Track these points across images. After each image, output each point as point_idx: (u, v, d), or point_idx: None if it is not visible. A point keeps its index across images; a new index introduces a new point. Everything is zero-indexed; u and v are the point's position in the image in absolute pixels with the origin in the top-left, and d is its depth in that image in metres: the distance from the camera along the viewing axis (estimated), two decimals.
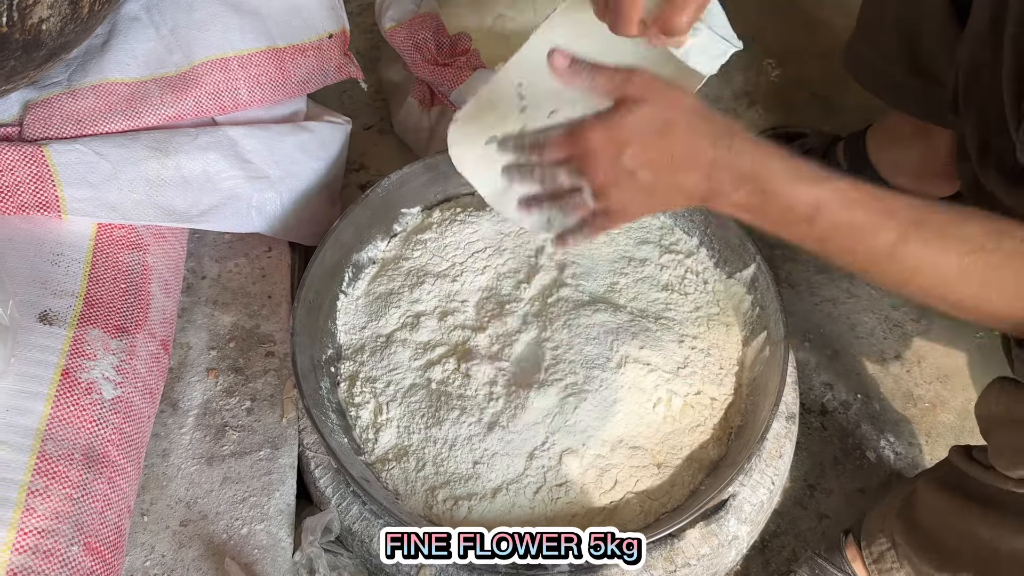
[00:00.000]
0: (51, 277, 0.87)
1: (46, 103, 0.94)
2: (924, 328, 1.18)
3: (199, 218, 0.98)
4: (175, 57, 1.00)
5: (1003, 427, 0.70)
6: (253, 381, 0.98)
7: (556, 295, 1.00)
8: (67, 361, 0.81)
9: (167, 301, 0.96)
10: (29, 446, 0.75)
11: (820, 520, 1.02)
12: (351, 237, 1.02)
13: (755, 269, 0.98)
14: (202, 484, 0.90)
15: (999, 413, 0.70)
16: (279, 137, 1.04)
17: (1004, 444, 0.69)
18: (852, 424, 1.10)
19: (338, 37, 1.10)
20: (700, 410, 0.94)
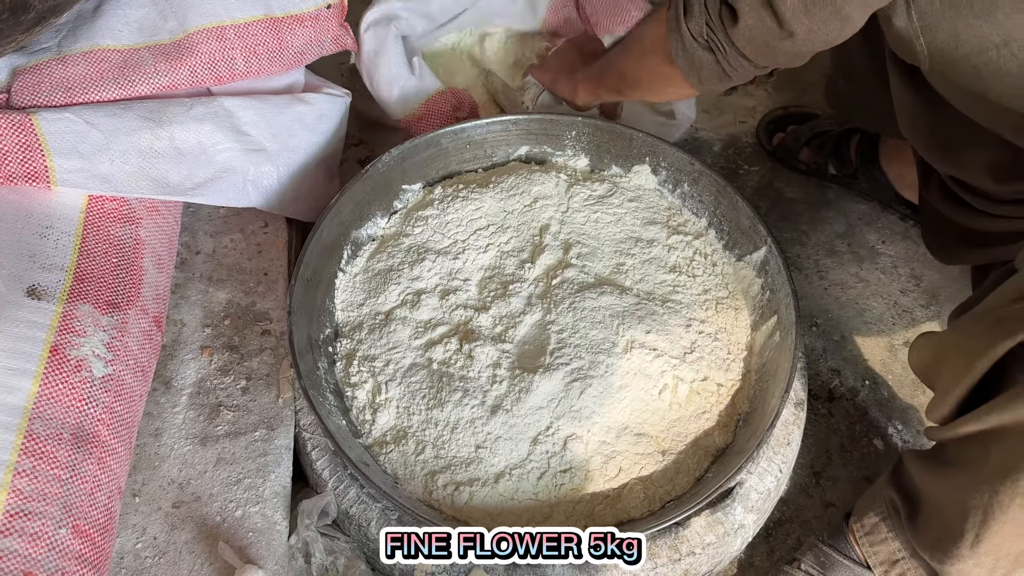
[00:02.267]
0: (40, 250, 0.84)
1: (35, 69, 0.91)
2: (934, 314, 1.16)
3: (193, 191, 0.95)
4: (169, 24, 0.97)
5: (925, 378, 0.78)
6: (248, 360, 0.96)
7: (561, 276, 0.97)
8: (56, 337, 0.78)
9: (160, 276, 0.93)
10: (15, 425, 0.73)
11: (826, 508, 1.00)
12: (350, 214, 0.99)
13: (766, 252, 0.95)
14: (195, 465, 0.88)
15: (918, 362, 0.79)
16: (276, 109, 1.01)
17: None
18: (859, 411, 1.08)
19: (336, 7, 1.06)
20: (706, 396, 0.92)
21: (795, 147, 1.29)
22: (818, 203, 1.28)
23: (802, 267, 1.20)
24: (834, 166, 1.26)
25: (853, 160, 1.23)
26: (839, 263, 1.21)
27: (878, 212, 1.25)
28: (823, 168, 1.27)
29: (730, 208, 1.00)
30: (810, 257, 1.21)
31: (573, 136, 1.08)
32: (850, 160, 1.23)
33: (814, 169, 1.28)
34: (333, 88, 1.09)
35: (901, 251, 1.21)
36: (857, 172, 1.24)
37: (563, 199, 1.06)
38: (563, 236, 1.03)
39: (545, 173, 1.08)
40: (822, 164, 1.26)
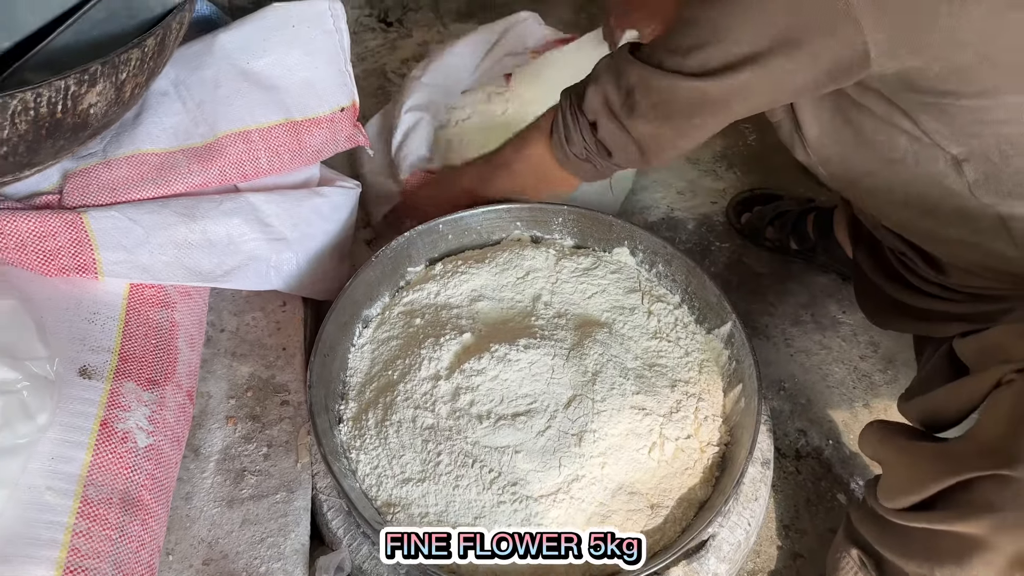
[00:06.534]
0: (88, 334, 0.95)
1: (83, 172, 1.03)
2: (891, 378, 1.27)
3: (223, 278, 1.06)
4: (201, 129, 1.09)
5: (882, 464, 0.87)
6: (269, 428, 1.06)
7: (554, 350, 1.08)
8: (105, 412, 0.89)
9: (192, 354, 1.04)
10: (72, 491, 0.83)
11: (795, 559, 1.10)
12: (361, 295, 1.11)
13: (731, 326, 1.06)
14: (223, 525, 0.97)
15: (870, 454, 0.91)
16: (296, 202, 1.13)
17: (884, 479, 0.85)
18: (824, 468, 1.18)
19: (349, 110, 1.19)
20: (690, 454, 1.00)
21: (761, 226, 1.42)
22: (783, 277, 1.40)
23: (770, 336, 1.32)
24: (795, 242, 1.38)
25: (811, 236, 1.35)
26: (804, 332, 1.32)
27: (838, 284, 1.38)
28: (786, 244, 1.40)
29: (699, 287, 1.12)
30: (777, 326, 1.33)
31: (560, 222, 1.21)
32: (808, 236, 1.36)
33: (778, 245, 1.41)
34: (345, 181, 1.22)
35: (860, 320, 1.32)
36: (816, 246, 1.36)
37: (552, 271, 1.18)
38: (555, 306, 1.14)
39: (536, 249, 1.20)
40: (785, 241, 1.39)
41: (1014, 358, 0.74)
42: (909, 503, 0.78)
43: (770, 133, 1.56)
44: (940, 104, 0.77)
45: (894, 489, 0.81)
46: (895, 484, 0.81)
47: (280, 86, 1.14)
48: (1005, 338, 0.78)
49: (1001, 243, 0.85)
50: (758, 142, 1.58)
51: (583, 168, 1.02)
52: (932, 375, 0.89)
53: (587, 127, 0.97)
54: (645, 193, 1.52)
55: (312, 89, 1.16)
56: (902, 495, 0.79)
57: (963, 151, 0.80)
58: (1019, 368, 0.73)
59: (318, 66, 1.15)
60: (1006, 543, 0.71)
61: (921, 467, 0.77)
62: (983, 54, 0.72)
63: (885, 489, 0.83)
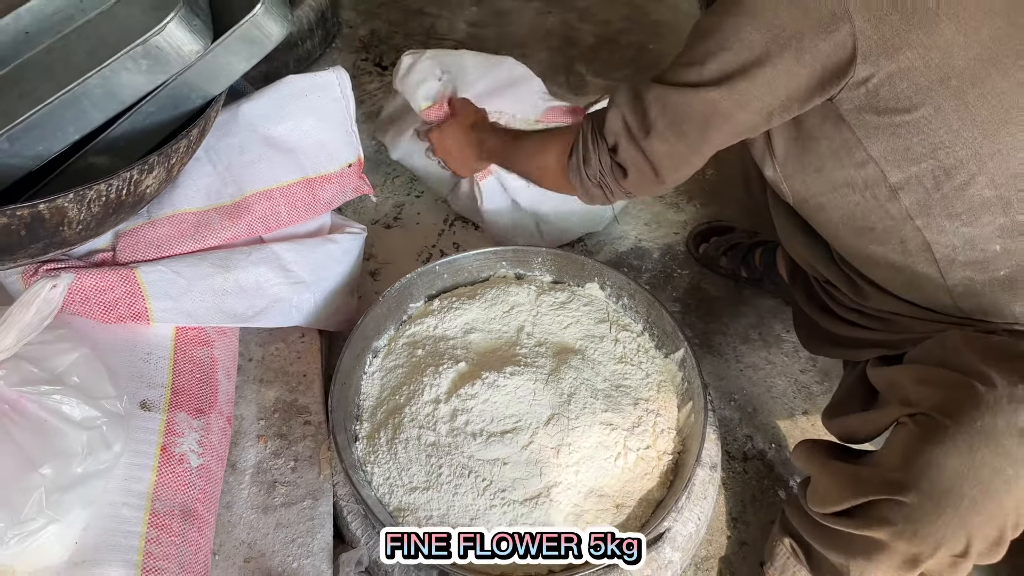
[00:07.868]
0: (145, 372, 1.13)
1: (133, 232, 1.20)
2: (827, 389, 1.47)
3: (253, 318, 1.24)
4: (230, 189, 1.26)
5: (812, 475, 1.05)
6: (295, 445, 1.24)
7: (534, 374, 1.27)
8: (164, 439, 1.07)
9: (229, 384, 1.22)
10: (143, 506, 1.01)
11: (741, 547, 1.29)
12: (371, 330, 1.30)
13: (684, 351, 1.26)
14: (260, 529, 1.15)
15: (801, 467, 1.08)
16: (312, 248, 1.31)
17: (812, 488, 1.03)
18: (767, 468, 1.38)
19: (355, 165, 1.37)
20: (649, 461, 1.18)
21: (716, 255, 1.60)
22: (736, 300, 1.59)
23: (723, 353, 1.51)
24: (745, 271, 1.57)
25: (758, 266, 1.55)
26: (752, 348, 1.52)
27: (782, 307, 1.57)
28: (738, 273, 1.58)
29: (658, 317, 1.31)
30: (729, 344, 1.52)
31: (539, 261, 1.40)
32: (755, 267, 1.55)
33: (731, 273, 1.59)
34: (353, 226, 1.40)
35: None
36: (762, 276, 1.55)
37: (534, 305, 1.37)
38: (536, 335, 1.33)
39: (519, 285, 1.39)
40: (736, 270, 1.58)
41: (909, 402, 0.90)
42: (831, 511, 0.98)
43: (727, 166, 1.77)
44: (891, 124, 0.87)
45: (819, 498, 1.00)
46: (821, 494, 1.00)
47: (296, 148, 1.31)
48: (905, 379, 0.94)
49: (925, 266, 0.96)
50: (715, 177, 1.76)
51: (593, 193, 1.12)
52: (850, 393, 1.09)
53: (605, 150, 1.05)
54: (616, 225, 1.71)
55: (324, 149, 1.34)
56: (826, 504, 0.98)
57: (902, 179, 0.90)
58: (911, 413, 0.89)
59: (329, 129, 1.33)
60: (901, 547, 0.90)
61: (840, 484, 0.96)
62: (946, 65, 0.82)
63: (812, 496, 1.02)
